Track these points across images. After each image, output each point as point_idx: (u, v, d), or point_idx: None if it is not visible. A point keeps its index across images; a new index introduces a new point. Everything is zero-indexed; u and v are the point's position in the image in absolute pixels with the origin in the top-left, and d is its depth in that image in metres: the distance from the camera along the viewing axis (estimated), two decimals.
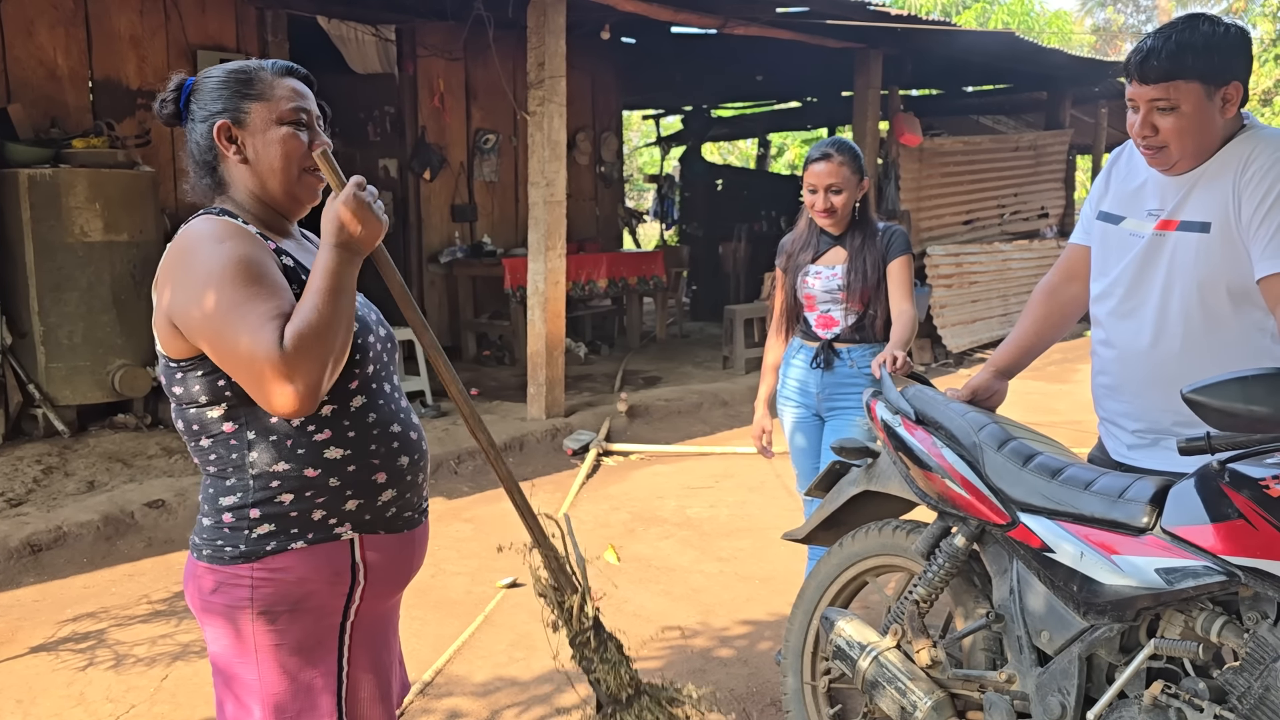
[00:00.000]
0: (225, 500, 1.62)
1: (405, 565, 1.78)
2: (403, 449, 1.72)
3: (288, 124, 1.67)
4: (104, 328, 5.86)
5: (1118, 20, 25.15)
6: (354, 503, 1.65)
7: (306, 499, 1.61)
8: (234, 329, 1.48)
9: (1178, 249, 2.15)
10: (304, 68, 1.75)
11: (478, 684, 3.22)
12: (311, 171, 1.69)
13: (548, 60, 6.32)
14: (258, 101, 1.66)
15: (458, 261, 9.15)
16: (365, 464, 1.66)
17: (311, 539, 1.62)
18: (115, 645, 3.47)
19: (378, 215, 1.60)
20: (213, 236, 1.56)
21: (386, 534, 1.71)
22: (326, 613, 1.65)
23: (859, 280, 3.06)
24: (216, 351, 1.52)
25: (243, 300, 1.49)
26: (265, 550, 1.60)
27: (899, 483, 2.46)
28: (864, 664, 2.27)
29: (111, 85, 6.83)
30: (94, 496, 4.83)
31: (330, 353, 1.50)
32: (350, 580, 1.66)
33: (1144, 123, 2.08)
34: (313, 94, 1.74)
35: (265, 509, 1.60)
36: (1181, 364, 2.15)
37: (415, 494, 1.77)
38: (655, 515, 5.00)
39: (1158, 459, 2.24)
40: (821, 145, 3.13)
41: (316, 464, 1.61)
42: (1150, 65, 2.04)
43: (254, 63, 1.71)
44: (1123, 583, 1.88)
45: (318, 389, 1.49)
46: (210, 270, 1.52)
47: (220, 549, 1.62)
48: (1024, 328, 2.53)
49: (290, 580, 1.61)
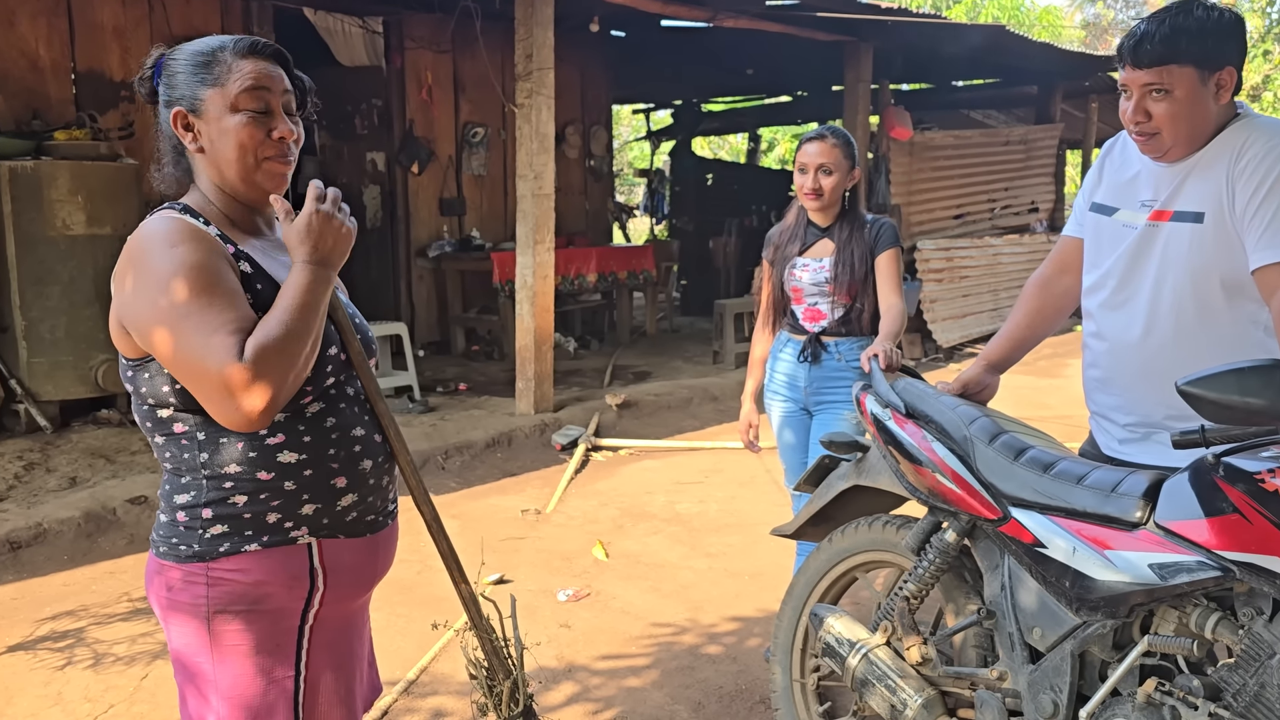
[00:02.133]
0: (180, 498, 1.58)
1: (368, 569, 1.72)
2: (365, 453, 1.66)
3: (245, 110, 1.56)
4: (86, 322, 5.79)
5: (1108, 15, 25.16)
6: (311, 507, 1.60)
7: (261, 501, 1.56)
8: (185, 339, 1.43)
9: (1171, 240, 2.12)
10: (275, 44, 1.64)
11: (463, 683, 3.17)
12: (274, 158, 1.59)
13: (536, 52, 6.27)
14: (213, 87, 1.56)
15: (446, 256, 9.08)
16: (323, 468, 1.60)
17: (266, 541, 1.57)
18: (94, 644, 3.42)
19: (342, 223, 1.54)
20: (165, 239, 1.49)
21: (347, 538, 1.66)
22: (284, 615, 1.61)
23: (846, 273, 3.02)
24: (167, 360, 1.47)
25: (195, 310, 1.43)
26: (219, 551, 1.55)
27: (889, 477, 2.42)
28: (854, 661, 2.23)
29: (94, 77, 6.76)
30: (76, 493, 4.77)
31: (293, 369, 1.45)
32: (309, 584, 1.61)
33: (1137, 108, 2.04)
34: (285, 71, 1.63)
35: (218, 509, 1.55)
36: (1174, 356, 2.12)
37: (379, 497, 1.71)
38: (644, 511, 4.96)
39: (1149, 453, 2.21)
40: (816, 129, 3.12)
41: (270, 467, 1.56)
42: (1144, 49, 2.01)
43: (219, 40, 1.61)
44: (1116, 578, 1.85)
45: (275, 405, 1.43)
46: (160, 277, 1.46)
47: (175, 547, 1.57)
48: (1016, 321, 2.49)
49: (247, 582, 1.56)
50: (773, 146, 21.89)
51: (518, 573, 4.10)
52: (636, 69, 11.61)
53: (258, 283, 1.56)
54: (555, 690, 3.12)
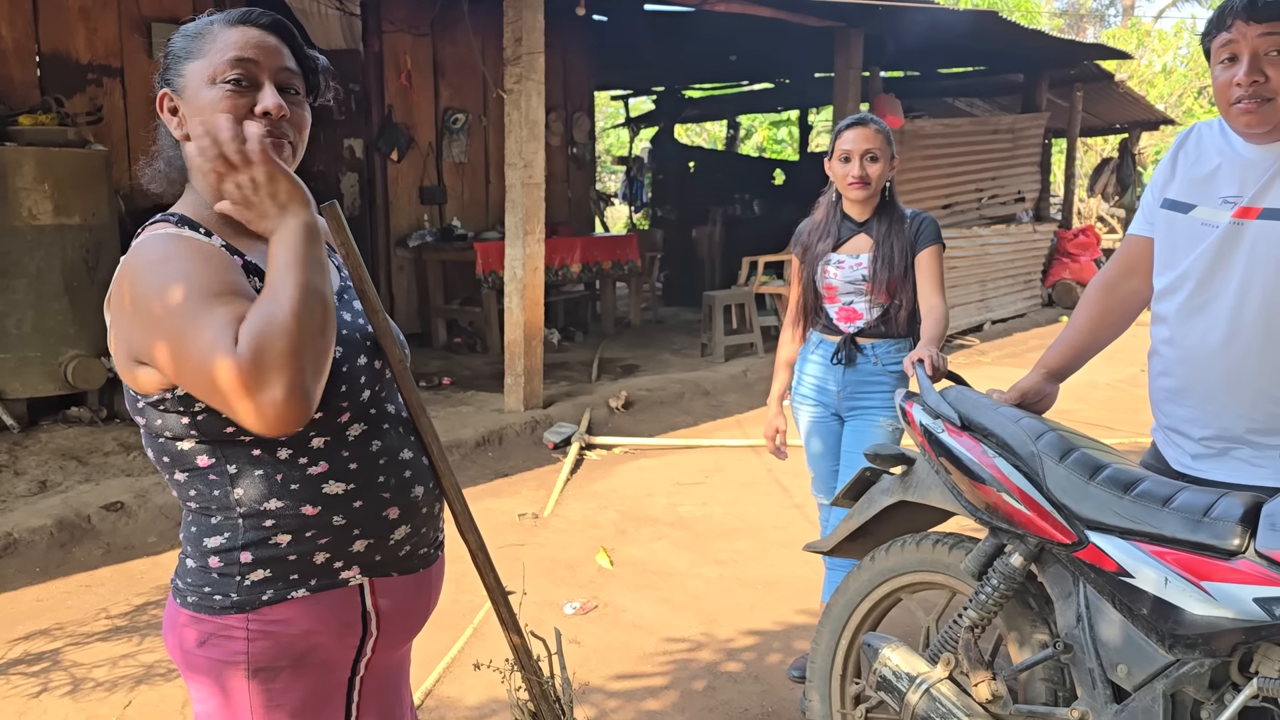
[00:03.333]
0: (211, 541, 1.36)
1: (421, 608, 1.53)
2: (416, 478, 1.46)
3: (221, 82, 1.33)
4: (55, 316, 5.52)
5: (1085, 3, 25.16)
6: (362, 543, 1.40)
7: (307, 540, 1.36)
8: (188, 345, 1.21)
9: (1259, 239, 1.96)
10: (277, 15, 1.41)
11: (472, 706, 2.98)
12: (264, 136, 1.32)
13: (525, 36, 6.04)
14: (196, 60, 1.35)
15: (427, 245, 8.84)
16: (374, 498, 1.40)
17: (315, 585, 1.37)
18: (72, 667, 3.19)
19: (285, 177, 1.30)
20: (160, 258, 1.27)
21: (400, 575, 1.46)
22: (333, 667, 1.41)
23: (885, 270, 2.84)
24: (175, 375, 1.25)
25: (196, 312, 1.21)
26: (261, 600, 1.35)
27: (941, 493, 2.26)
28: (914, 698, 2.06)
29: (60, 59, 6.45)
30: (47, 498, 4.51)
31: (301, 346, 1.20)
32: (361, 630, 1.42)
33: (1251, 68, 1.87)
34: (287, 44, 1.41)
35: (258, 551, 1.34)
36: (1260, 367, 1.96)
37: (431, 527, 1.52)
38: (646, 514, 4.77)
39: (1227, 469, 2.05)
40: (853, 116, 2.94)
41: (315, 500, 1.35)
42: (1264, 2, 1.84)
43: (211, 16, 1.40)
44: (1217, 614, 1.70)
45: (297, 394, 1.18)
46: (158, 300, 1.24)
47: (208, 596, 1.36)
48: (1078, 326, 2.33)
49: (293, 634, 1.36)
50: (750, 134, 21.74)
51: (520, 583, 3.89)
52: (617, 54, 11.38)
53: None
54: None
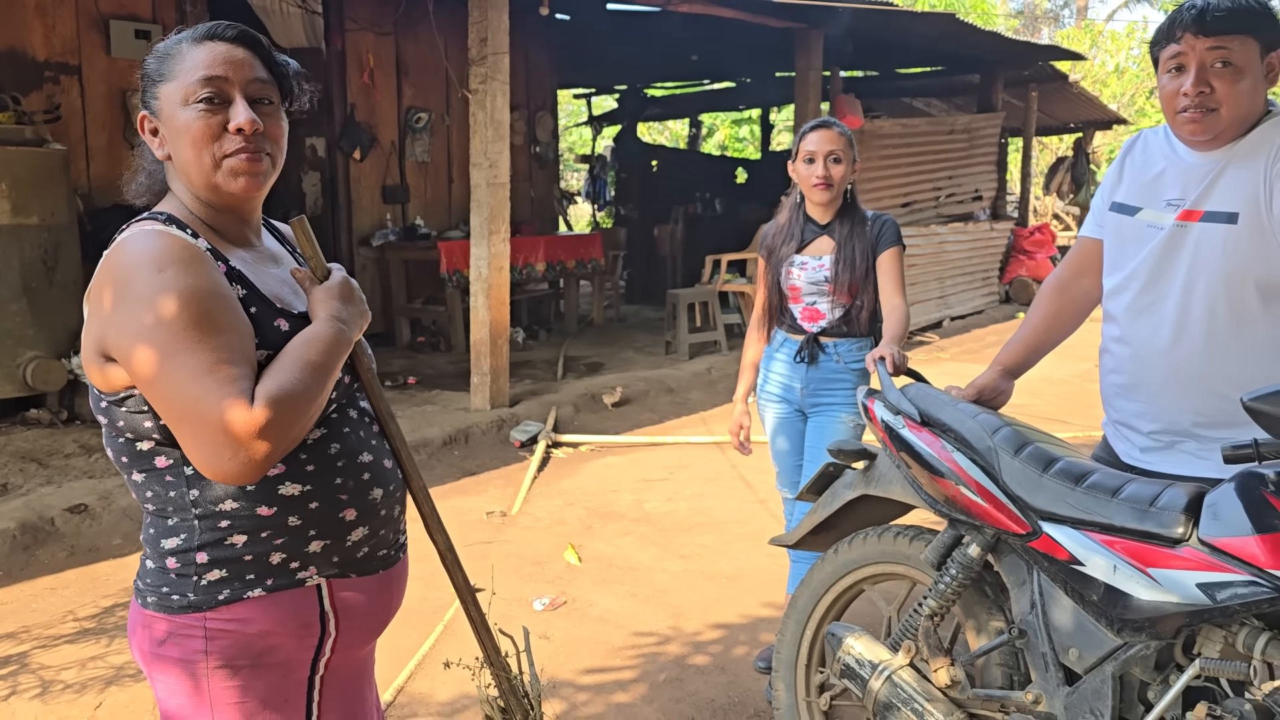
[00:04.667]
0: (168, 542, 1.40)
1: (382, 609, 1.56)
2: (375, 480, 1.49)
3: (194, 103, 1.37)
4: (13, 317, 5.47)
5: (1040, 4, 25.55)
6: (319, 544, 1.43)
7: (263, 540, 1.39)
8: (177, 384, 1.25)
9: (1202, 241, 2.05)
10: (243, 26, 1.44)
11: (443, 703, 3.02)
12: (235, 154, 1.38)
13: (490, 36, 6.06)
14: (169, 82, 1.39)
15: (390, 244, 8.83)
16: (330, 500, 1.43)
17: (271, 585, 1.40)
18: (40, 670, 3.18)
19: (364, 303, 1.51)
20: (152, 262, 1.29)
21: (359, 576, 1.49)
22: (293, 667, 1.44)
23: (847, 271, 2.91)
24: (159, 405, 1.29)
25: (188, 351, 1.25)
26: (218, 599, 1.38)
27: (901, 487, 2.33)
28: (876, 684, 2.13)
29: (16, 57, 6.36)
30: (8, 501, 4.47)
31: (300, 431, 1.31)
32: (320, 631, 1.45)
33: (1198, 79, 1.96)
34: (257, 54, 1.43)
35: (214, 552, 1.38)
36: (1205, 363, 2.06)
37: (391, 529, 1.55)
38: (612, 510, 4.83)
39: (1174, 462, 2.15)
40: (817, 119, 3.03)
41: (271, 501, 1.38)
42: (1211, 17, 1.94)
43: (179, 34, 1.43)
44: (1162, 598, 1.78)
45: (270, 464, 1.27)
46: (147, 309, 1.27)
47: (167, 596, 1.39)
48: (1032, 325, 2.41)
49: (251, 633, 1.39)
50: (712, 132, 21.84)
51: (489, 580, 3.91)
52: (580, 54, 11.42)
53: (252, 306, 1.38)
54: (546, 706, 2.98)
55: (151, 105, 1.41)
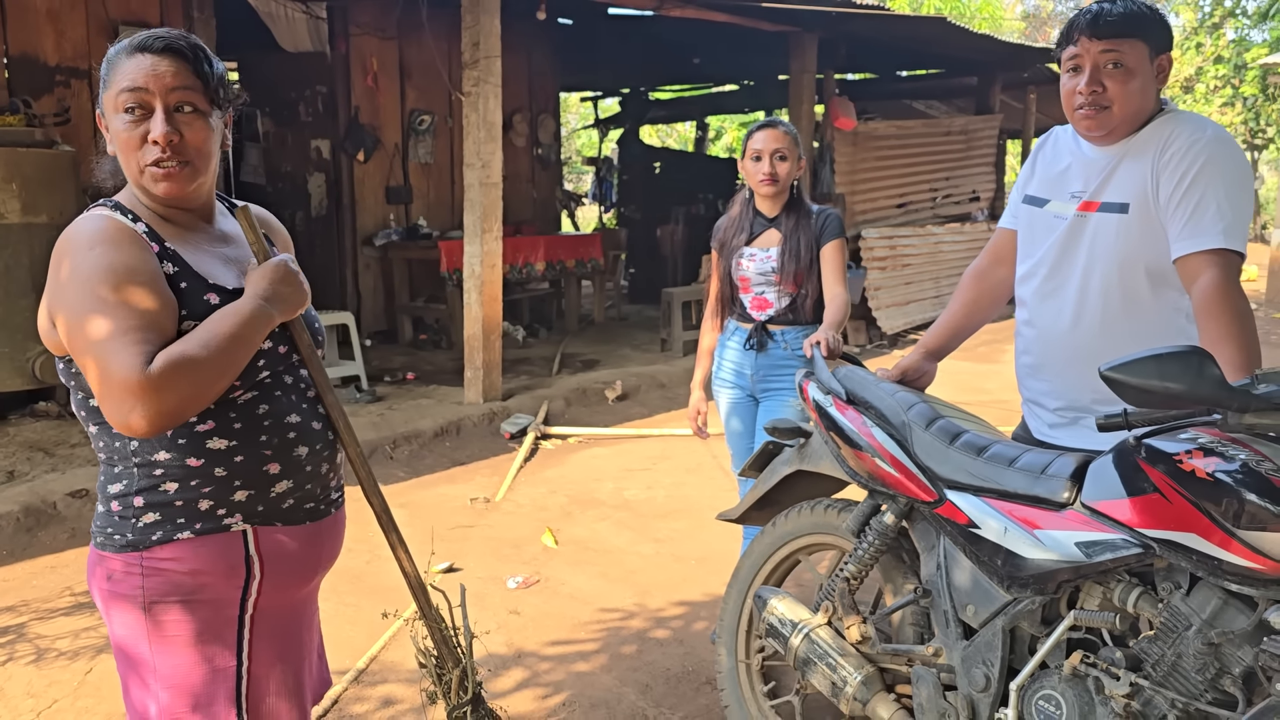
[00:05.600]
0: (113, 488, 1.59)
1: (311, 558, 1.73)
2: (301, 439, 1.66)
3: (121, 113, 1.53)
4: (23, 312, 5.67)
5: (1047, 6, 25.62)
6: (243, 493, 1.61)
7: (191, 488, 1.57)
8: (89, 343, 1.43)
9: (1098, 230, 2.20)
10: (187, 35, 1.57)
11: (412, 670, 3.19)
12: (153, 165, 1.53)
13: (483, 40, 6.24)
14: (107, 90, 1.56)
15: (393, 244, 9.03)
16: (254, 454, 1.60)
17: (199, 529, 1.58)
18: (36, 639, 3.38)
19: (302, 286, 1.61)
20: (86, 242, 1.49)
21: (285, 525, 1.67)
22: (223, 604, 1.61)
23: (792, 262, 3.08)
24: (79, 364, 1.48)
25: (101, 314, 1.43)
26: (152, 539, 1.56)
27: (830, 462, 2.49)
28: (796, 641, 2.30)
29: (28, 61, 6.60)
30: (14, 487, 4.68)
31: (200, 393, 1.45)
32: (245, 572, 1.62)
33: (1091, 79, 2.12)
34: (187, 62, 1.55)
35: (149, 497, 1.56)
36: (1101, 343, 2.20)
37: (319, 485, 1.72)
38: (593, 498, 5.00)
39: (1078, 437, 2.29)
40: (764, 119, 3.21)
41: (199, 454, 1.56)
42: (1103, 22, 2.10)
43: (121, 44, 1.58)
44: (1044, 556, 1.93)
45: (170, 420, 1.42)
46: (75, 278, 1.46)
47: (110, 537, 1.58)
48: (953, 310, 2.57)
49: (182, 571, 1.57)
50: (720, 134, 21.98)
51: (467, 561, 4.12)
52: (584, 57, 11.60)
53: (182, 281, 1.55)
54: (504, 676, 3.15)
55: (101, 105, 1.60)
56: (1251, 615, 1.68)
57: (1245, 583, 1.66)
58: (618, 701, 3.03)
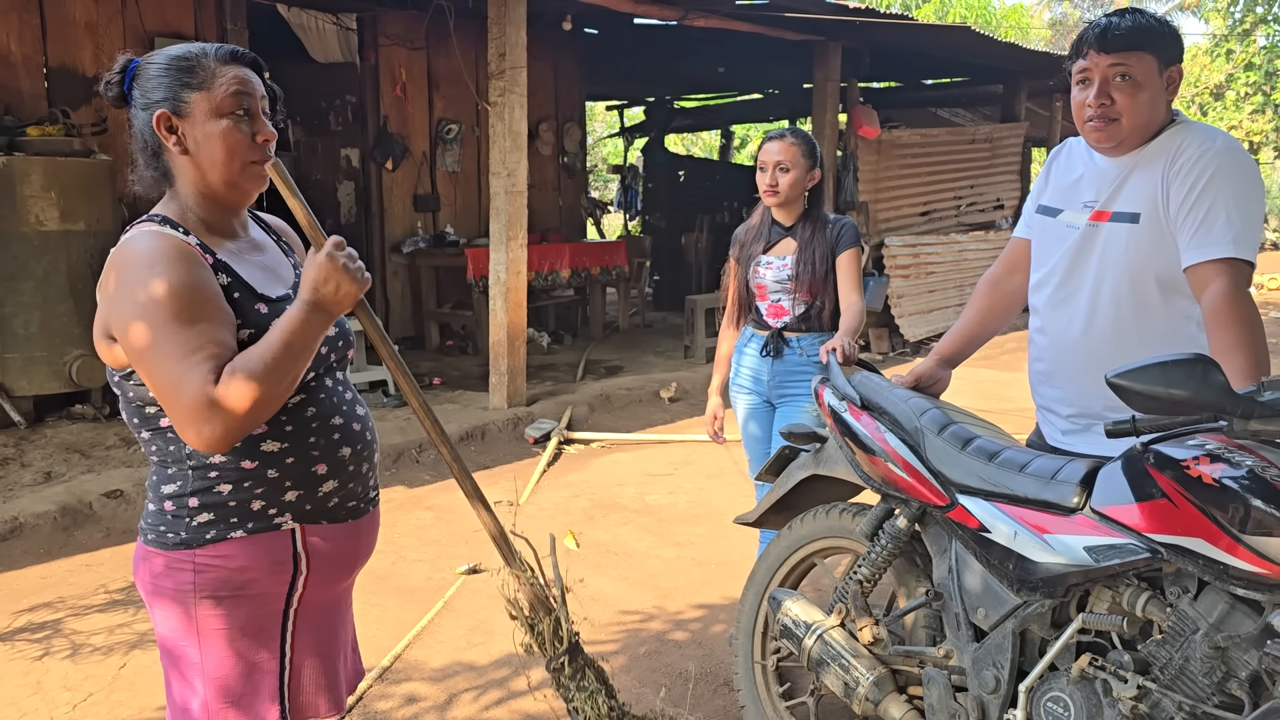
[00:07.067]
0: (166, 489, 1.66)
1: (351, 554, 1.81)
2: (344, 440, 1.74)
3: (229, 115, 1.63)
4: (60, 317, 5.81)
5: (1074, 14, 25.50)
6: (294, 494, 1.68)
7: (245, 490, 1.64)
8: (160, 365, 1.50)
9: (1110, 239, 2.24)
10: (252, 51, 1.71)
11: (435, 669, 3.26)
12: (259, 161, 1.67)
13: (509, 51, 6.33)
14: (198, 91, 1.62)
15: (420, 251, 9.13)
16: (304, 456, 1.68)
17: (251, 528, 1.65)
18: (72, 635, 3.48)
19: (355, 277, 1.58)
20: (145, 261, 1.54)
21: (330, 524, 1.74)
22: (269, 599, 1.69)
23: (808, 271, 3.13)
24: (147, 382, 1.54)
25: (171, 333, 1.49)
26: (205, 538, 1.63)
27: (845, 467, 2.53)
28: (809, 642, 2.34)
29: (67, 72, 6.75)
30: (51, 487, 4.80)
31: (268, 405, 1.51)
32: (292, 569, 1.70)
33: (1100, 92, 2.16)
34: (261, 78, 1.71)
35: (204, 498, 1.64)
36: (1112, 351, 2.23)
37: (360, 484, 1.79)
38: (615, 502, 5.06)
39: (1090, 443, 2.32)
40: (779, 130, 3.27)
41: (253, 456, 1.64)
42: (1111, 35, 2.14)
43: (198, 47, 1.66)
44: (1054, 560, 1.97)
45: (241, 435, 1.50)
46: (139, 299, 1.51)
47: (163, 535, 1.65)
48: (968, 318, 2.61)
49: (232, 568, 1.64)
50: (745, 143, 22.02)
51: (491, 562, 4.18)
52: (609, 66, 11.68)
53: (235, 292, 1.63)
54: (523, 676, 3.21)
55: (179, 107, 1.63)
56: (1258, 619, 1.71)
57: (1251, 587, 1.69)
58: (637, 701, 3.07)
